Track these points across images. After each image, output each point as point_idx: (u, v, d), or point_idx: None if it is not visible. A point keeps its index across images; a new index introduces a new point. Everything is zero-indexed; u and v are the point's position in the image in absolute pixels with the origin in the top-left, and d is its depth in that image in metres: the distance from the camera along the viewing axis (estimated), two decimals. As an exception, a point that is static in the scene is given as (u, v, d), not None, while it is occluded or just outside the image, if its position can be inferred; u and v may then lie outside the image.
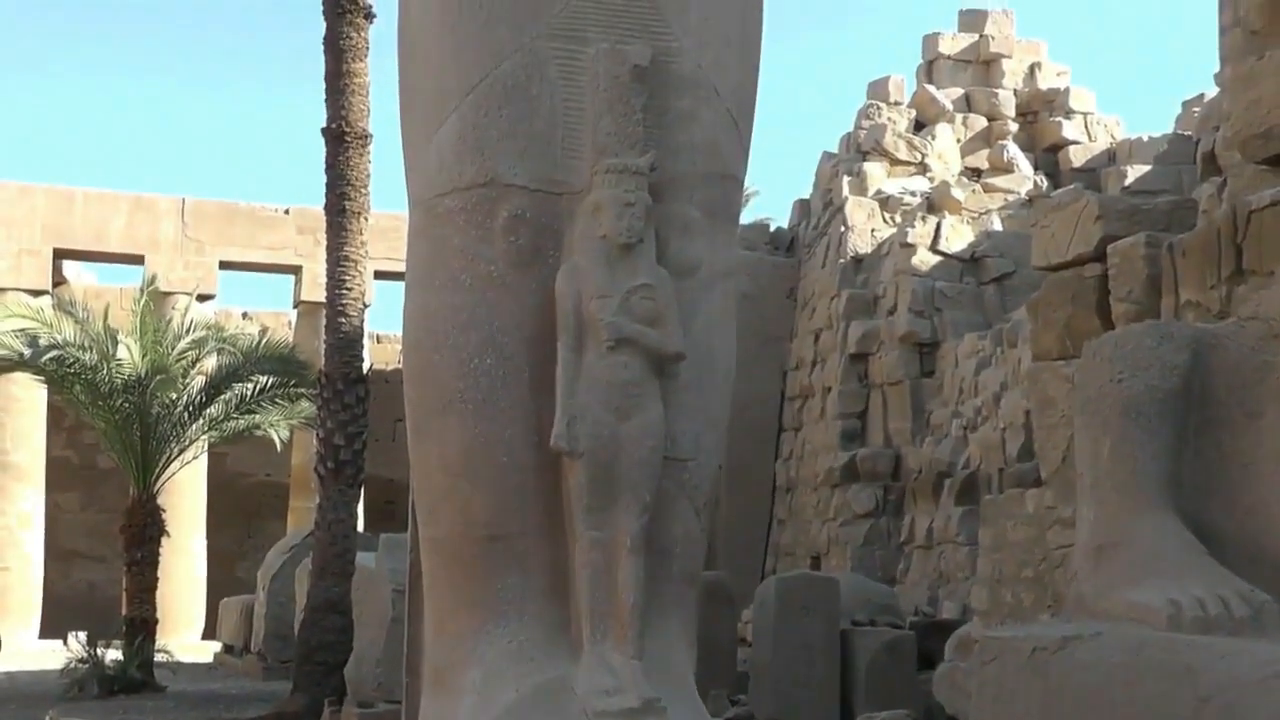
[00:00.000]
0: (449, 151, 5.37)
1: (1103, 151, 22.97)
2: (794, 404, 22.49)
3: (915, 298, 19.78)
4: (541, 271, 5.30)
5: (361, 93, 15.92)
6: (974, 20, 24.03)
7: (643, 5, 5.42)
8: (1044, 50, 24.09)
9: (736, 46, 5.71)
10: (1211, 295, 8.23)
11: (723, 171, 5.64)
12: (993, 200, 21.81)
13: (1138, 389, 5.46)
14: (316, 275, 22.33)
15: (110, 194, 30.13)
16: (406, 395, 5.56)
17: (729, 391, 5.70)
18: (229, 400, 20.40)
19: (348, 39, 15.94)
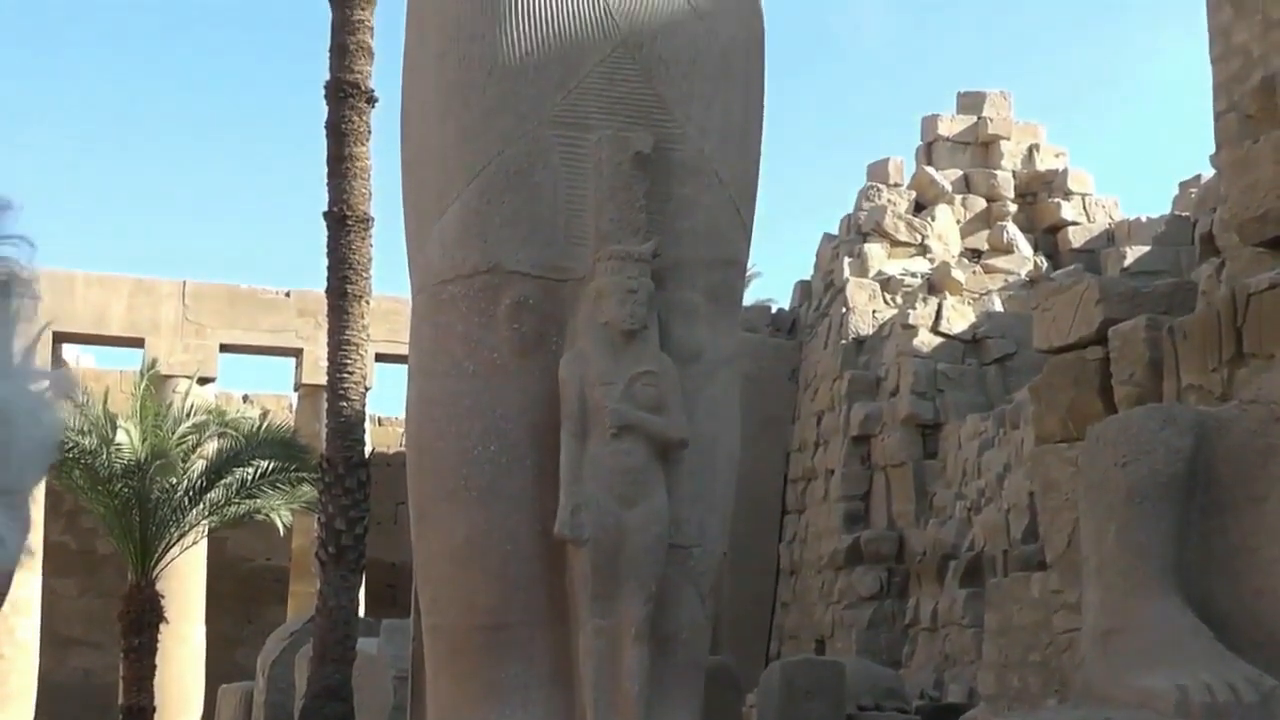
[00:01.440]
0: (452, 238, 5.39)
1: (1102, 232, 23.07)
2: (797, 486, 22.43)
3: (917, 379, 19.78)
4: (545, 358, 5.31)
5: (363, 176, 15.98)
6: (972, 102, 24.21)
7: (645, 93, 5.47)
8: (1042, 132, 24.25)
9: (738, 133, 5.75)
10: (1213, 378, 8.23)
11: (725, 257, 5.66)
12: (993, 281, 21.87)
13: (1141, 473, 5.45)
14: (318, 358, 22.32)
15: (111, 277, 30.21)
16: (409, 482, 5.54)
17: (733, 477, 5.69)
18: (229, 485, 20.33)
19: (349, 123, 16.02)
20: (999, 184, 23.27)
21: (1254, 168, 8.62)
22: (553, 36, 5.41)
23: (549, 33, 5.42)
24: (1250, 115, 9.07)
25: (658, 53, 5.50)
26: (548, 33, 5.42)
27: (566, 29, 5.42)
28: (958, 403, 19.50)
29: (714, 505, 5.51)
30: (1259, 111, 8.93)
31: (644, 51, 5.47)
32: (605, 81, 5.43)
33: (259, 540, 30.05)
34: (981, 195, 23.26)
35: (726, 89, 5.68)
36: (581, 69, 5.41)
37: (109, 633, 25.38)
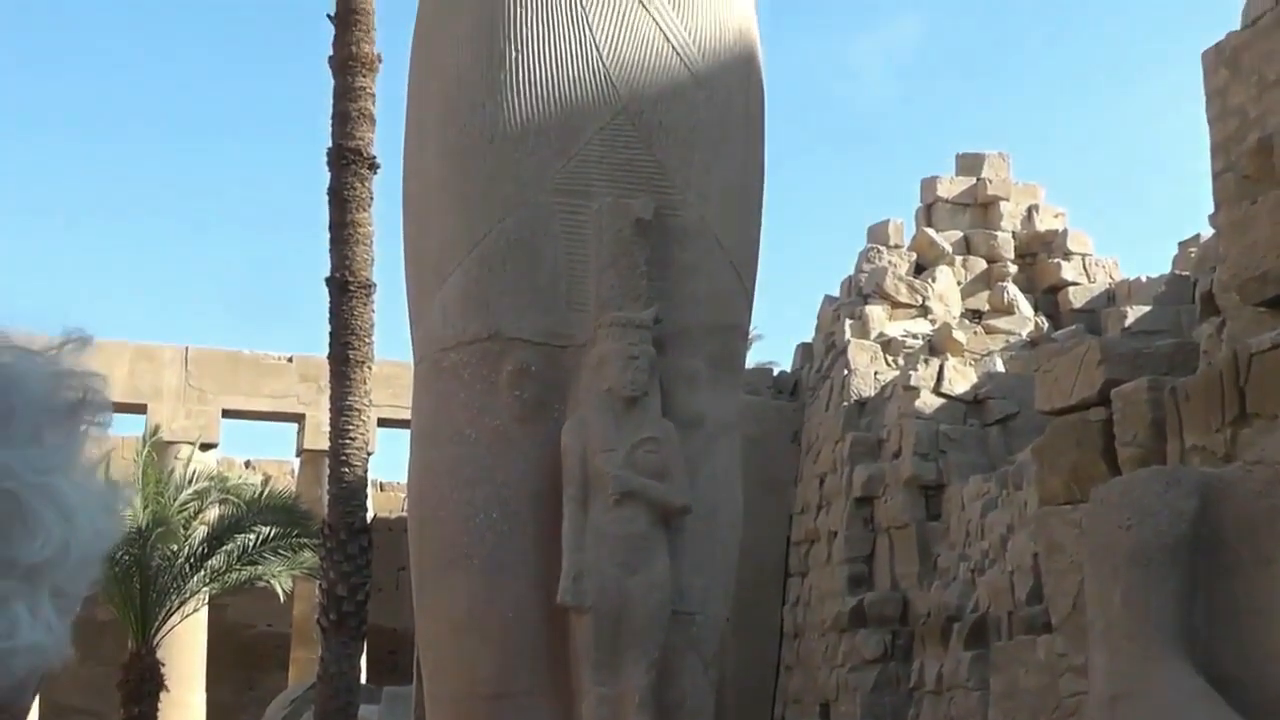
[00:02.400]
0: (454, 306, 5.40)
1: (1102, 292, 23.11)
2: (800, 549, 22.34)
3: (920, 440, 19.74)
4: (546, 425, 5.30)
5: (365, 242, 16.04)
6: (971, 163, 24.31)
7: (646, 159, 5.49)
8: (1041, 193, 24.33)
9: (738, 198, 5.76)
10: (1216, 439, 8.21)
11: (727, 323, 5.66)
12: (994, 342, 21.88)
13: (1146, 535, 5.42)
14: (320, 423, 22.32)
15: (113, 343, 30.22)
16: (411, 549, 5.52)
17: (735, 543, 5.66)
18: (231, 551, 20.27)
19: (351, 189, 16.10)
20: (999, 245, 23.32)
21: (1252, 228, 8.64)
22: (553, 104, 5.44)
23: (549, 100, 5.44)
24: (1247, 175, 9.10)
25: (658, 119, 5.52)
26: (548, 100, 5.44)
27: (566, 96, 5.45)
28: (960, 464, 19.44)
29: (717, 572, 5.48)
30: (1256, 172, 8.96)
31: (644, 118, 5.50)
32: (606, 148, 5.45)
33: (260, 606, 29.91)
34: (982, 256, 23.31)
35: (727, 155, 5.70)
36: (582, 136, 5.44)
37: (109, 701, 25.18)
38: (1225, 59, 10.59)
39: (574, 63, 5.47)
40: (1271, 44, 10.16)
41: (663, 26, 5.60)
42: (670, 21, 5.61)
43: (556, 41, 5.48)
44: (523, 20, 5.52)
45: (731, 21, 5.81)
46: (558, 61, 5.46)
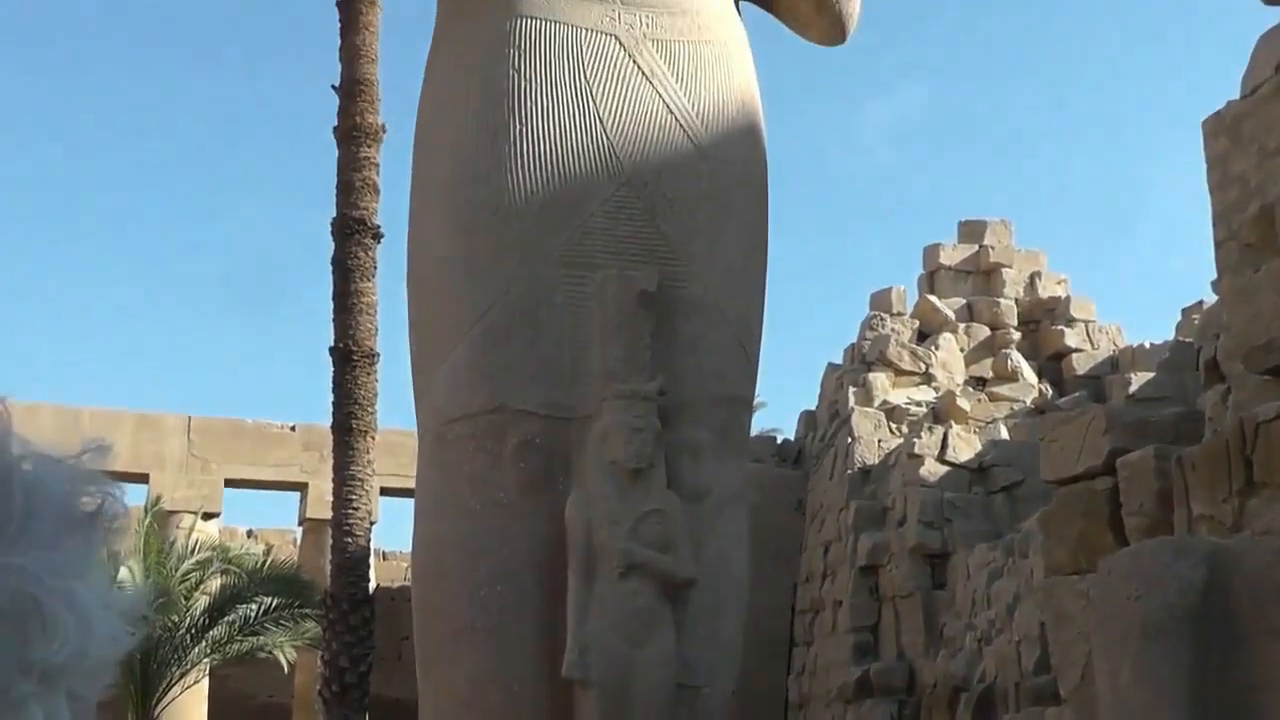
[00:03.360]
0: (459, 378, 5.39)
1: (1106, 359, 23.11)
2: (805, 618, 22.22)
3: (924, 509, 19.68)
4: (551, 497, 5.28)
5: (369, 312, 16.07)
6: (973, 230, 24.39)
7: (650, 232, 5.50)
8: (1043, 260, 24.39)
9: (742, 270, 5.77)
10: (1224, 509, 8.16)
11: (731, 394, 5.65)
12: (998, 409, 21.85)
13: (1155, 607, 5.39)
14: (322, 492, 22.28)
15: (116, 412, 30.23)
16: (415, 621, 5.49)
17: (741, 615, 5.62)
18: (232, 622, 20.17)
19: (355, 258, 16.14)
20: (1002, 312, 23.34)
21: (1256, 296, 8.63)
22: (557, 177, 5.46)
23: (553, 173, 5.46)
24: (1250, 244, 9.11)
25: (662, 191, 5.54)
26: (552, 173, 5.46)
27: (571, 169, 5.47)
28: (965, 532, 19.37)
29: (723, 644, 5.44)
30: (1259, 240, 8.97)
31: (648, 190, 5.51)
32: (610, 221, 5.46)
33: (262, 677, 29.71)
34: (985, 323, 23.32)
35: (730, 226, 5.71)
36: (586, 208, 5.45)
37: (109, 774, 25.00)
38: (1225, 127, 10.61)
39: (578, 136, 5.49)
40: (1272, 113, 10.19)
41: (666, 99, 5.63)
42: (674, 94, 5.64)
43: (561, 115, 5.50)
44: (527, 93, 5.55)
45: (734, 93, 5.84)
46: (562, 135, 5.48)
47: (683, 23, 5.72)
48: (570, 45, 5.59)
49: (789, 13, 6.31)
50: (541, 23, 5.63)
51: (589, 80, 5.54)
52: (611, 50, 5.59)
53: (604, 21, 5.63)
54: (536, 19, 5.64)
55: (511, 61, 5.59)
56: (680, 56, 5.68)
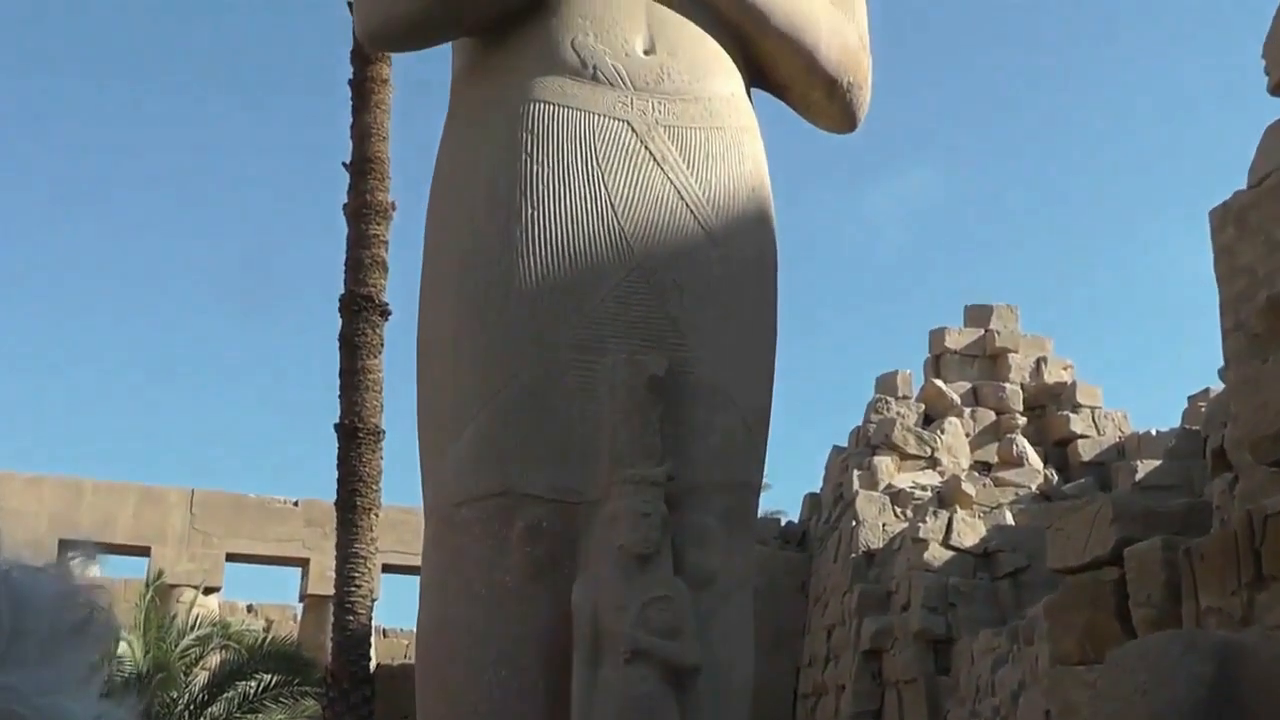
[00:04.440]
0: (466, 461, 5.38)
1: (1112, 445, 23.06)
2: (807, 701, 22.03)
3: (929, 594, 19.57)
4: (558, 582, 5.25)
5: (375, 389, 16.09)
6: (979, 315, 24.43)
7: (659, 316, 5.51)
8: (1049, 345, 24.42)
9: (751, 355, 5.78)
10: (1233, 601, 8.12)
11: (739, 480, 5.64)
12: (1003, 494, 21.79)
13: (1163, 702, 5.34)
14: (324, 568, 22.20)
15: (119, 485, 30.20)
16: (418, 706, 5.45)
17: (747, 702, 5.58)
18: (231, 699, 20.01)
19: (363, 335, 16.19)
20: (1007, 397, 23.34)
21: (1264, 387, 8.63)
22: (568, 260, 5.48)
23: (564, 256, 5.48)
24: (1257, 334, 9.13)
25: (672, 277, 5.56)
26: (563, 256, 5.48)
27: (582, 253, 5.49)
28: (970, 618, 19.25)
29: (728, 732, 5.40)
30: (1266, 331, 8.99)
31: (658, 276, 5.53)
32: (620, 305, 5.48)
33: (260, 755, 29.46)
34: (990, 408, 23.32)
35: (740, 312, 5.72)
36: (597, 292, 5.46)
37: None
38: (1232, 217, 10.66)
39: (590, 220, 5.52)
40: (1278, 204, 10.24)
41: (677, 184, 5.66)
42: (684, 179, 5.68)
43: (573, 199, 5.53)
44: (539, 176, 5.58)
45: (745, 180, 5.88)
46: (574, 219, 5.51)
47: (695, 110, 5.77)
48: (583, 130, 5.63)
49: (800, 100, 6.37)
50: (554, 108, 5.67)
51: (601, 165, 5.58)
52: (624, 136, 5.64)
53: (617, 108, 5.68)
54: (549, 104, 5.69)
55: (524, 145, 5.63)
56: (692, 143, 5.73)
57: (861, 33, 6.40)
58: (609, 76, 5.72)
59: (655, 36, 5.87)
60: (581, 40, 5.79)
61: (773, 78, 6.29)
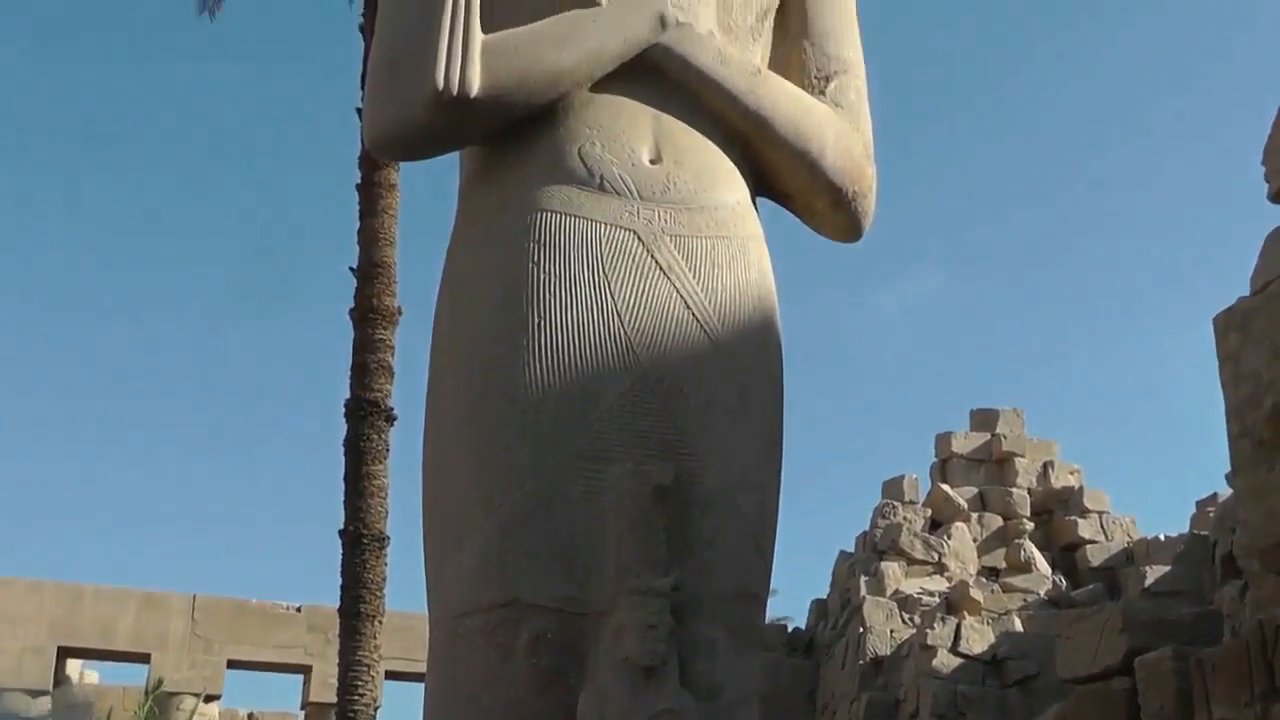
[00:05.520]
0: (471, 572, 5.35)
1: (1120, 551, 22.97)
2: (815, 811, 21.74)
3: (937, 701, 19.38)
4: (563, 694, 5.20)
5: (380, 495, 16.05)
6: (986, 419, 24.45)
7: (666, 426, 5.50)
8: (1056, 449, 24.40)
9: (758, 464, 5.76)
10: (1246, 713, 8.03)
11: (746, 591, 5.60)
12: (1011, 600, 21.66)
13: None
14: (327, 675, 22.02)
15: (120, 590, 30.03)
16: (421, 822, 5.38)
17: (754, 817, 5.51)
18: (231, 809, 19.79)
19: (368, 440, 16.18)
20: (1015, 501, 23.28)
21: (1271, 494, 8.60)
22: (574, 370, 5.48)
23: (570, 366, 5.49)
24: (1263, 441, 9.11)
25: (678, 386, 5.56)
26: (569, 366, 5.49)
27: (588, 362, 5.49)
28: (980, 726, 19.03)
29: None
30: (1273, 438, 8.98)
31: (664, 385, 5.54)
32: (626, 414, 5.47)
33: None
34: (997, 513, 23.25)
35: (746, 421, 5.71)
36: (602, 401, 5.46)
37: None
38: (1236, 323, 10.67)
39: (596, 329, 5.53)
40: (1283, 310, 10.26)
41: (683, 293, 5.68)
42: (690, 289, 5.69)
43: (579, 308, 5.55)
44: (545, 285, 5.61)
45: (751, 287, 5.90)
46: (580, 327, 5.53)
47: (701, 219, 5.81)
48: (589, 240, 5.66)
49: (805, 209, 6.41)
50: (561, 217, 5.71)
51: (607, 274, 5.60)
52: (630, 245, 5.67)
53: (623, 217, 5.72)
54: (556, 213, 5.73)
55: (530, 255, 5.66)
56: (698, 252, 5.76)
57: (866, 141, 6.45)
58: (615, 185, 5.76)
59: (661, 146, 5.92)
60: (588, 149, 5.84)
61: (778, 186, 6.34)
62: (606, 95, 5.94)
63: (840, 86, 6.42)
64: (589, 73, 5.90)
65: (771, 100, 6.12)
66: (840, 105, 6.37)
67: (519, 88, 5.80)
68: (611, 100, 5.93)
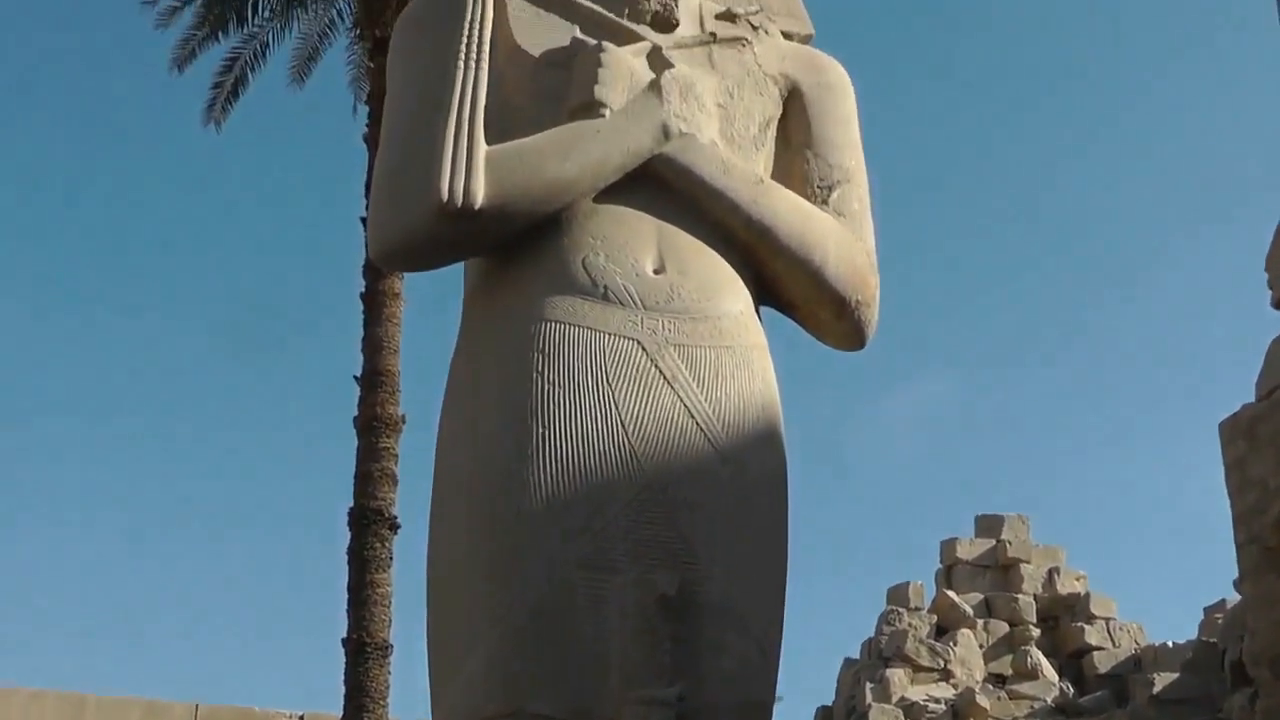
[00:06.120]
0: (475, 681, 5.33)
1: (1128, 658, 22.78)
2: None
3: (945, 811, 19.13)
4: (567, 807, 5.16)
5: (383, 603, 15.97)
6: (991, 525, 24.36)
7: (670, 535, 5.50)
8: (1062, 555, 24.30)
9: (763, 573, 5.75)
10: (1258, 822, 7.94)
11: (751, 700, 5.58)
12: (1018, 708, 21.46)
13: None
14: (328, 786, 21.73)
15: (123, 699, 29.71)
16: None
17: None
18: None
19: (371, 549, 16.13)
20: (1021, 608, 23.13)
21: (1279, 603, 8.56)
22: (579, 479, 5.49)
23: (575, 475, 5.50)
24: (1271, 548, 9.09)
25: (683, 495, 5.56)
26: (574, 476, 5.50)
27: (593, 472, 5.50)
28: (989, 837, 18.78)
29: None
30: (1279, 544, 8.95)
31: (669, 494, 5.54)
32: (631, 523, 5.47)
33: None
34: (1003, 619, 23.09)
35: (752, 530, 5.71)
36: (607, 511, 5.47)
37: None
38: (1242, 430, 10.68)
39: (600, 438, 5.55)
40: (1287, 416, 10.27)
41: (687, 403, 5.70)
42: (694, 398, 5.71)
43: (583, 418, 5.56)
44: (550, 395, 5.63)
45: (755, 398, 5.91)
46: (584, 437, 5.54)
47: (704, 329, 5.83)
48: (594, 349, 5.69)
49: (809, 319, 6.43)
50: (565, 327, 5.74)
51: (612, 384, 5.62)
52: (634, 355, 5.69)
53: (627, 326, 5.74)
54: (560, 323, 5.75)
55: (535, 365, 5.68)
56: (702, 362, 5.77)
57: (869, 250, 6.48)
58: (619, 296, 5.79)
59: (665, 256, 5.95)
60: (592, 260, 5.87)
61: (781, 295, 6.36)
62: (610, 205, 5.98)
63: (843, 196, 6.46)
64: (592, 184, 5.95)
65: (774, 210, 6.16)
66: (843, 214, 6.40)
67: (523, 199, 5.85)
68: (615, 210, 5.97)
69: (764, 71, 6.51)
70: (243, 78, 26.16)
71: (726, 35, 6.51)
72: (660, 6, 6.38)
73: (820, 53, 6.86)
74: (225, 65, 26.15)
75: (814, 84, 6.64)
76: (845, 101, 6.72)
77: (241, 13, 25.69)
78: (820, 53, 6.86)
